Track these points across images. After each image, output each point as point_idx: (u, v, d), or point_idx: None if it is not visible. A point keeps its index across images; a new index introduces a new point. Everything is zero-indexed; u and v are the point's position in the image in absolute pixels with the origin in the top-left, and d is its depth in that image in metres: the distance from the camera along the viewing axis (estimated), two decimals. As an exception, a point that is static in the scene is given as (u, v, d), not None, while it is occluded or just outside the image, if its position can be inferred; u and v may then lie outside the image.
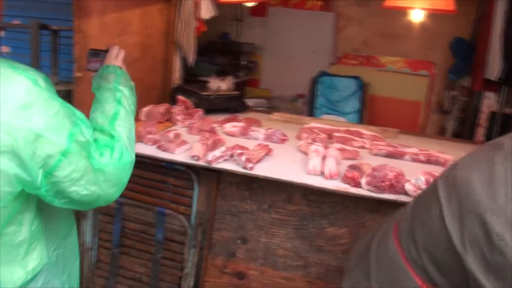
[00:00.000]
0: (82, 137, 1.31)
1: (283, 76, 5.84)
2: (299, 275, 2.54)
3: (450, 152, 2.94)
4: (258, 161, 2.47)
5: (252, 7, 5.63)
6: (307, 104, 5.58)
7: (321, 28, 5.64)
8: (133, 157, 1.53)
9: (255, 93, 5.85)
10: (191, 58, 3.66)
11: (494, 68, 4.00)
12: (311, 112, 5.44)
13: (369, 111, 5.48)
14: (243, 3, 4.43)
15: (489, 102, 4.40)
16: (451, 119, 5.12)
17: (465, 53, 4.97)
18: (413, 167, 2.67)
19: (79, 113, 1.36)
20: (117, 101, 1.60)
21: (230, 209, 2.57)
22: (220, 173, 2.53)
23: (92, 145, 1.37)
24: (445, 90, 5.28)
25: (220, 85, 3.49)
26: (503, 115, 4.34)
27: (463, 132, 4.95)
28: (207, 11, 3.41)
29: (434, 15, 3.81)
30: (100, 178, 1.37)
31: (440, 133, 5.31)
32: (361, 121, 5.34)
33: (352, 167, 2.37)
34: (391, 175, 2.27)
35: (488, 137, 4.44)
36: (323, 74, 5.52)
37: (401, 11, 5.20)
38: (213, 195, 2.56)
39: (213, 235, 2.62)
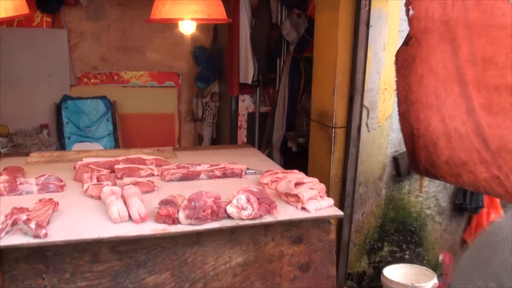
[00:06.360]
0: None
1: (19, 106, 5.03)
2: None
3: (238, 160, 2.94)
4: (48, 223, 1.97)
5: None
6: (55, 134, 4.92)
7: (54, 47, 5.06)
8: None
9: (-10, 132, 4.90)
10: None
11: (248, 72, 4.18)
12: (61, 143, 4.81)
13: (123, 132, 5.15)
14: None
15: (245, 104, 4.60)
16: (206, 126, 5.18)
17: (209, 61, 5.07)
18: (215, 185, 2.55)
19: None
20: None
21: (24, 291, 1.99)
22: (1, 250, 1.93)
23: None
24: (196, 98, 5.32)
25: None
26: (260, 114, 4.58)
27: (220, 136, 5.07)
28: None
29: (175, 26, 3.73)
30: None
31: (199, 141, 5.35)
32: (117, 143, 4.97)
33: (164, 203, 2.09)
34: (210, 201, 2.07)
35: (249, 137, 4.63)
36: (66, 98, 4.94)
37: (136, 23, 5.06)
38: (0, 281, 1.94)
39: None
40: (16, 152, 3.91)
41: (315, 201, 2.22)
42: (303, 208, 2.19)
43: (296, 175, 2.39)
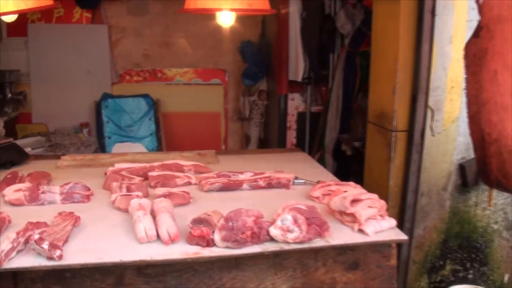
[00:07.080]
0: None
1: (59, 104, 4.95)
2: None
3: (286, 168, 2.69)
4: (66, 241, 1.74)
5: (10, 25, 4.58)
6: (95, 133, 4.80)
7: (94, 44, 4.95)
8: None
9: (28, 130, 4.85)
10: None
11: (298, 69, 3.95)
12: (101, 142, 4.67)
13: (166, 131, 4.98)
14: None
15: (295, 103, 4.36)
16: (254, 126, 4.95)
17: (257, 57, 4.84)
18: (258, 197, 2.31)
19: None
20: None
21: (40, 316, 1.78)
22: (16, 271, 1.73)
23: None
24: (243, 96, 5.09)
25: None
26: (310, 114, 4.32)
27: (268, 137, 4.84)
28: None
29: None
30: None
31: (246, 142, 5.13)
32: (159, 144, 4.79)
33: (197, 222, 1.81)
34: (250, 221, 1.78)
35: (299, 139, 4.37)
36: (107, 96, 4.81)
37: (180, 18, 4.87)
38: (11, 305, 1.74)
39: None
40: (47, 155, 3.76)
41: (375, 222, 1.89)
42: (360, 230, 1.87)
43: (353, 190, 2.07)
